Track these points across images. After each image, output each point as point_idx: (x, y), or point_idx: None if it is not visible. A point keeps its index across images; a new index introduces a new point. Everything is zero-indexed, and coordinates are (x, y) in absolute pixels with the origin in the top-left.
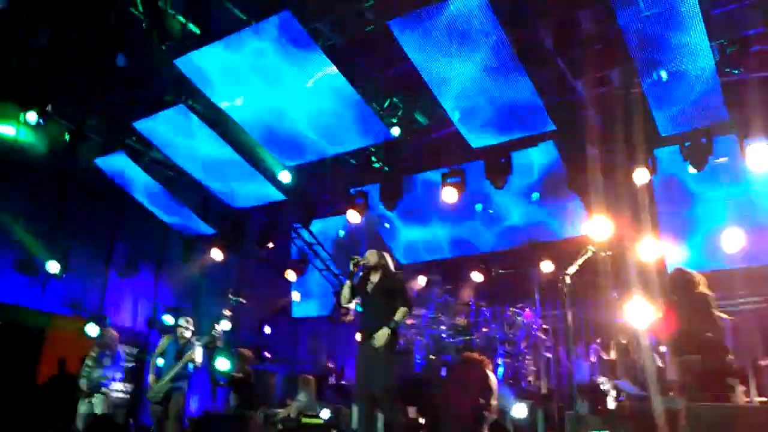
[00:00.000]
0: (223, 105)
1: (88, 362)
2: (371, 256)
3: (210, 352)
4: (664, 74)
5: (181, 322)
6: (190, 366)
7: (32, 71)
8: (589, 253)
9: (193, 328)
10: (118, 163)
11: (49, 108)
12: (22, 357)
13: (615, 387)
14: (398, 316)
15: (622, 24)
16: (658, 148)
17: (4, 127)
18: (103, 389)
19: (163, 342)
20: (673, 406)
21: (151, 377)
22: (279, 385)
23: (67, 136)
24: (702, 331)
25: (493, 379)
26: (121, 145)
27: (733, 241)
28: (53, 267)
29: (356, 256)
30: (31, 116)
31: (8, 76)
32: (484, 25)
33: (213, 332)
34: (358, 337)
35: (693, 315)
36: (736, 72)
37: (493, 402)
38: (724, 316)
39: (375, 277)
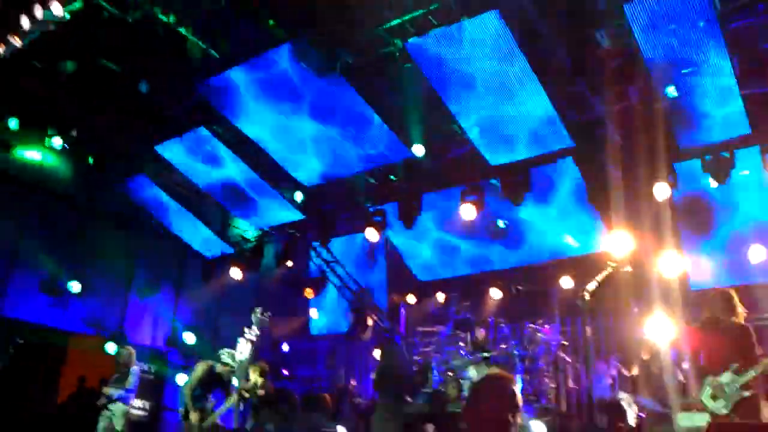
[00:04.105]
0: (243, 127)
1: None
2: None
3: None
4: (673, 90)
5: (227, 357)
6: None
7: (57, 97)
8: (610, 269)
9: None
10: (140, 186)
11: (73, 133)
12: (45, 375)
13: (636, 403)
14: None
15: (640, 40)
16: (678, 162)
17: (30, 152)
18: (120, 405)
19: (200, 372)
20: (694, 424)
21: (193, 415)
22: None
23: (90, 160)
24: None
25: (519, 397)
26: (144, 168)
27: (756, 254)
28: (75, 287)
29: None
30: (56, 141)
31: (34, 102)
32: (502, 44)
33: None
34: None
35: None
36: (757, 85)
37: (519, 420)
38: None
39: None
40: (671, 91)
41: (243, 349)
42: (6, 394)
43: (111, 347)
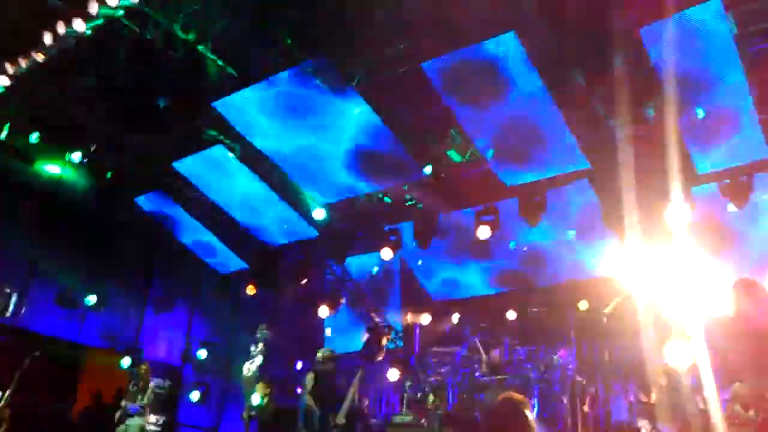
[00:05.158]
0: (260, 144)
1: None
2: None
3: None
4: (700, 112)
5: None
6: None
7: (77, 112)
8: (627, 293)
9: None
10: (157, 201)
11: (92, 147)
12: (60, 388)
13: (655, 430)
14: None
15: (657, 62)
16: (696, 185)
17: (50, 165)
18: (137, 419)
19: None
20: None
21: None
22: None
23: (109, 175)
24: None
25: (532, 422)
26: (161, 184)
27: None
28: (92, 300)
29: None
30: (76, 156)
31: (55, 116)
32: (518, 65)
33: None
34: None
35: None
36: None
37: None
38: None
39: None
40: (700, 112)
41: (250, 366)
42: (22, 406)
43: (126, 362)
